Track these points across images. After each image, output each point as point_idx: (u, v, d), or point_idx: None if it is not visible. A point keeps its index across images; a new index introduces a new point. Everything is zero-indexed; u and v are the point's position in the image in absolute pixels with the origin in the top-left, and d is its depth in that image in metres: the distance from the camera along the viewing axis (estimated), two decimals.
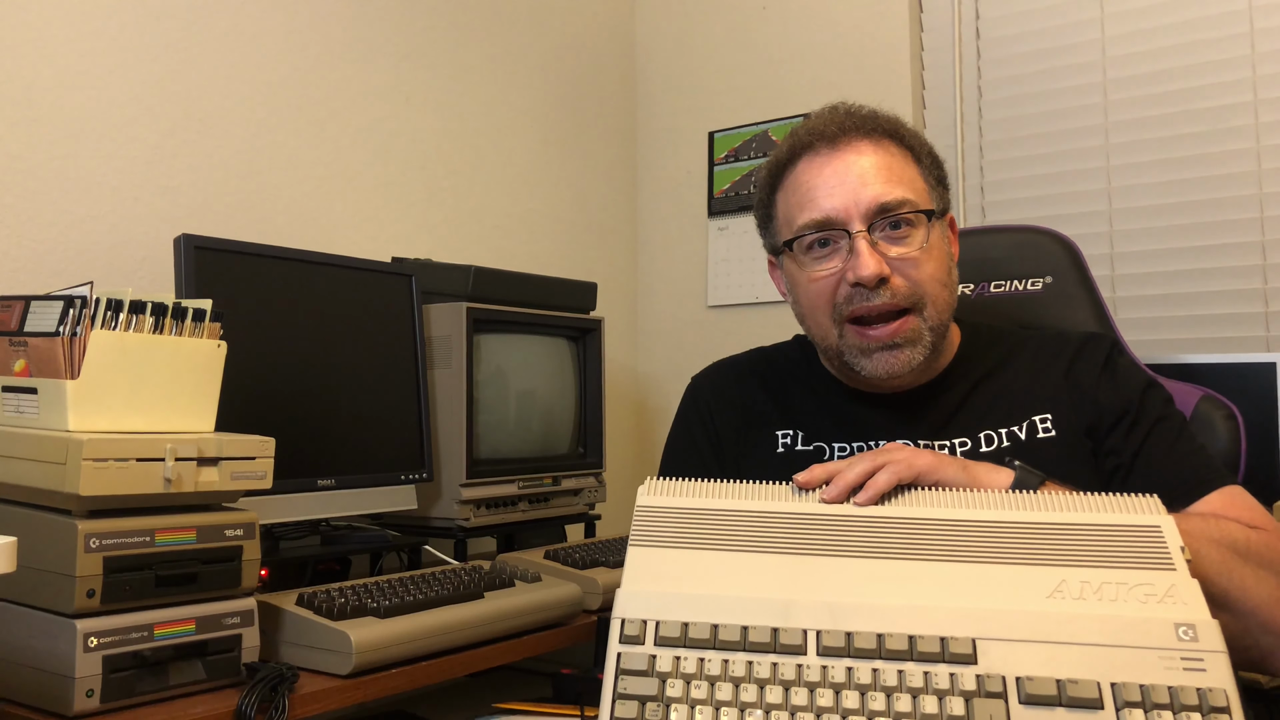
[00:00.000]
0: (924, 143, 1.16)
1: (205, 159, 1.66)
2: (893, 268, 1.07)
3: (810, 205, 1.10)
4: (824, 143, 1.12)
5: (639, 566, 0.85)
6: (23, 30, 1.45)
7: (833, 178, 1.09)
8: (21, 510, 1.00)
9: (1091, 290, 1.41)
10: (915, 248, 1.08)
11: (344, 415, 1.45)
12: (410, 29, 2.03)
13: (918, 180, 1.12)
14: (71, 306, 1.03)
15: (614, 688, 0.77)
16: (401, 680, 1.13)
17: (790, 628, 0.77)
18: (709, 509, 0.89)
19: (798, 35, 2.35)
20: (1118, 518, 0.84)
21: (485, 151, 2.18)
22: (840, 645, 0.76)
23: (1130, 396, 1.10)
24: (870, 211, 1.07)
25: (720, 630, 0.78)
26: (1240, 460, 1.26)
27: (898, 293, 1.07)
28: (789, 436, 1.19)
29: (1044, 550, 0.82)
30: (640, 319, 2.58)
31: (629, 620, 0.80)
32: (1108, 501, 0.86)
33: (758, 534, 0.86)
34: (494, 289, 1.67)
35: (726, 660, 0.77)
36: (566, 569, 1.44)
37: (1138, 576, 0.79)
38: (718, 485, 0.92)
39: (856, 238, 1.07)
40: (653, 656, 0.78)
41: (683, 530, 0.87)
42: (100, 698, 0.93)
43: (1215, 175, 1.90)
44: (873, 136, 1.12)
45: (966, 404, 1.14)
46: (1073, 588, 0.79)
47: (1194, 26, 1.93)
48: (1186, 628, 0.75)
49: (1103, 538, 0.82)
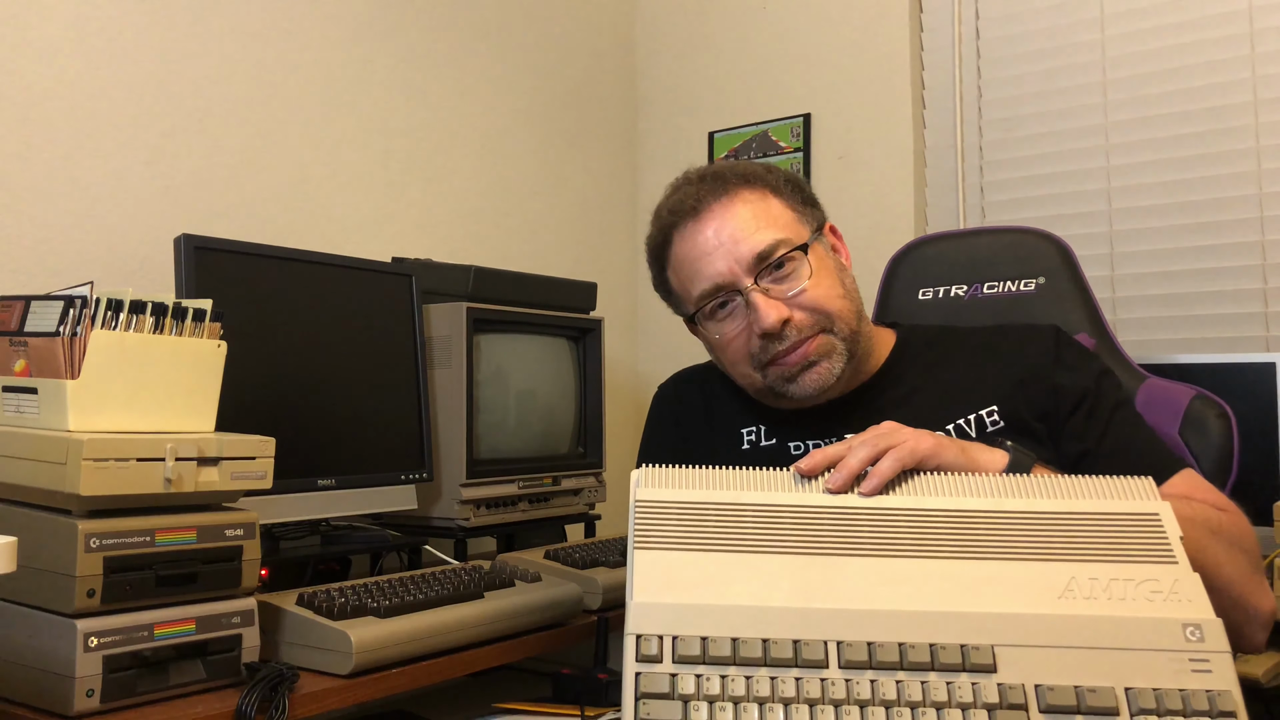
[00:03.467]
0: (777, 173, 1.20)
1: (205, 159, 1.66)
2: (790, 306, 1.12)
3: (698, 277, 1.16)
4: (689, 217, 1.17)
5: (647, 574, 0.81)
6: (23, 30, 1.45)
7: (706, 245, 1.15)
8: (22, 510, 1.00)
9: (1084, 290, 1.42)
10: (803, 281, 1.13)
11: (344, 415, 1.45)
12: (410, 29, 2.03)
13: (784, 214, 1.17)
14: (71, 306, 1.03)
15: (635, 712, 0.74)
16: (401, 680, 1.13)
17: (812, 640, 0.76)
18: (711, 503, 0.87)
19: (798, 35, 2.35)
20: (1118, 504, 0.86)
21: (486, 152, 2.18)
22: (863, 658, 0.76)
23: (1087, 381, 1.13)
24: (751, 265, 1.12)
25: (741, 645, 0.76)
26: (1233, 459, 1.26)
27: (802, 328, 1.12)
28: (753, 433, 1.24)
29: (1052, 544, 0.83)
30: (640, 319, 2.58)
31: (645, 637, 0.77)
32: (1104, 485, 0.88)
33: (766, 532, 0.85)
34: (494, 289, 1.67)
35: (750, 678, 0.75)
36: (566, 569, 1.44)
37: (1144, 572, 0.80)
38: (716, 473, 0.90)
39: (749, 293, 1.12)
40: (673, 676, 0.75)
41: (687, 529, 0.85)
42: (100, 697, 0.93)
43: (1215, 175, 1.90)
44: (728, 192, 1.17)
45: (910, 401, 1.17)
46: (1082, 585, 0.80)
47: (1194, 26, 1.93)
48: (1194, 628, 0.76)
49: (1106, 528, 0.84)
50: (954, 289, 1.48)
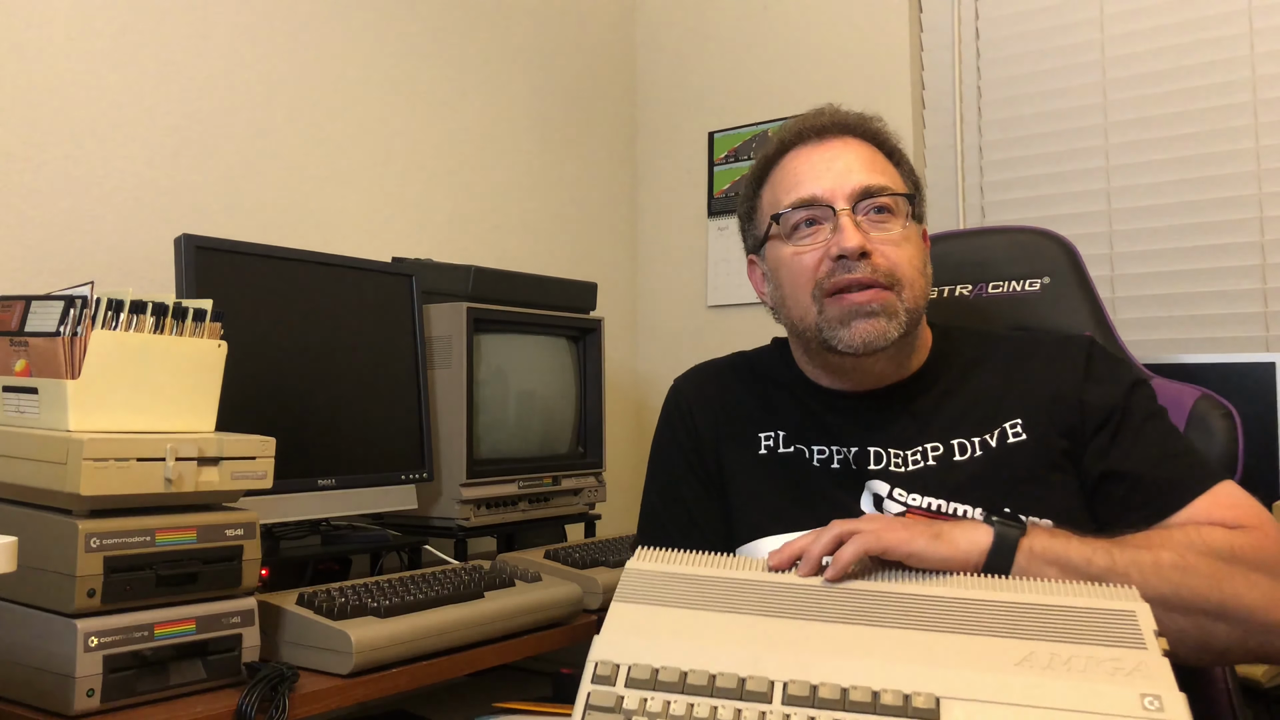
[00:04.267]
0: (904, 154, 1.21)
1: (205, 159, 1.66)
2: (873, 246, 1.11)
3: (797, 187, 1.15)
4: (812, 135, 1.18)
5: (619, 620, 0.87)
6: (23, 30, 1.45)
7: (819, 164, 1.15)
8: (22, 510, 1.00)
9: (1089, 290, 1.41)
10: (896, 231, 1.13)
11: (344, 415, 1.45)
12: (410, 29, 2.03)
13: (898, 179, 1.17)
14: (72, 306, 1.03)
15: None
16: (401, 680, 1.13)
17: (757, 675, 0.79)
18: (692, 574, 0.93)
19: (798, 35, 2.35)
20: (1092, 601, 0.85)
21: (485, 151, 2.18)
22: (805, 695, 0.77)
23: (1116, 396, 1.10)
24: (855, 193, 1.12)
25: (689, 676, 0.80)
26: (1238, 460, 1.26)
27: (878, 269, 1.10)
28: (771, 438, 1.20)
29: (1014, 625, 0.83)
30: (640, 319, 2.58)
31: (601, 663, 0.82)
32: (1084, 589, 0.87)
33: (735, 596, 0.89)
34: (494, 289, 1.67)
35: (692, 704, 0.78)
36: (566, 569, 1.44)
37: (1108, 653, 0.79)
38: (707, 557, 0.95)
39: (841, 214, 1.11)
40: (621, 697, 0.80)
41: (666, 591, 0.90)
42: (100, 697, 0.94)
43: (1215, 175, 1.90)
44: (857, 135, 1.18)
45: (939, 410, 1.15)
46: (1041, 658, 0.79)
47: (1194, 26, 1.93)
48: (1152, 698, 0.75)
49: (1075, 618, 0.83)
50: (959, 289, 1.47)
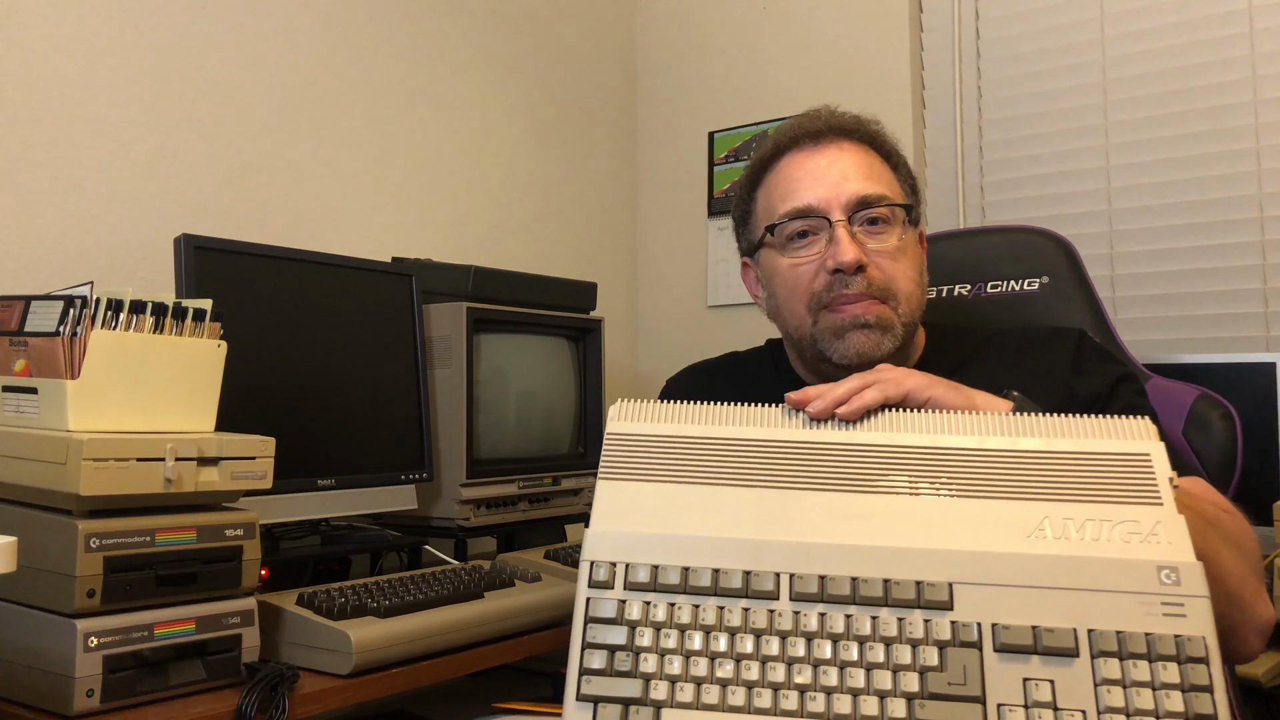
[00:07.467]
0: (901, 157, 1.20)
1: (205, 159, 1.66)
2: (869, 260, 1.10)
3: (792, 195, 1.14)
4: (808, 140, 1.17)
5: (607, 503, 0.82)
6: (23, 30, 1.45)
7: (815, 171, 1.14)
8: (21, 510, 1.00)
9: (1088, 290, 1.41)
10: (892, 243, 1.12)
11: (344, 415, 1.45)
12: (410, 29, 2.03)
13: (895, 185, 1.16)
14: (71, 306, 1.03)
15: (583, 636, 0.75)
16: (401, 680, 1.13)
17: (762, 571, 0.76)
18: (681, 436, 0.86)
19: (798, 35, 2.35)
20: (1107, 444, 0.81)
21: (485, 151, 2.18)
22: (814, 591, 0.74)
23: (1102, 388, 1.11)
24: (851, 203, 1.11)
25: (691, 574, 0.76)
26: (1237, 460, 1.26)
27: (873, 283, 1.10)
28: None
29: (1027, 483, 0.79)
30: (640, 319, 2.58)
31: (596, 563, 0.78)
32: (1098, 425, 0.83)
33: (729, 465, 0.84)
34: (494, 289, 1.67)
35: (697, 606, 0.75)
36: (566, 569, 1.44)
37: (1123, 512, 0.76)
38: (695, 408, 0.88)
39: (837, 226, 1.10)
40: (621, 602, 0.76)
41: (653, 461, 0.84)
42: (100, 697, 0.93)
43: (1215, 175, 1.90)
44: (854, 138, 1.16)
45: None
46: (1055, 525, 0.76)
47: (1194, 26, 1.93)
48: (1169, 570, 0.73)
49: (1090, 468, 0.80)
50: (957, 288, 1.47)
